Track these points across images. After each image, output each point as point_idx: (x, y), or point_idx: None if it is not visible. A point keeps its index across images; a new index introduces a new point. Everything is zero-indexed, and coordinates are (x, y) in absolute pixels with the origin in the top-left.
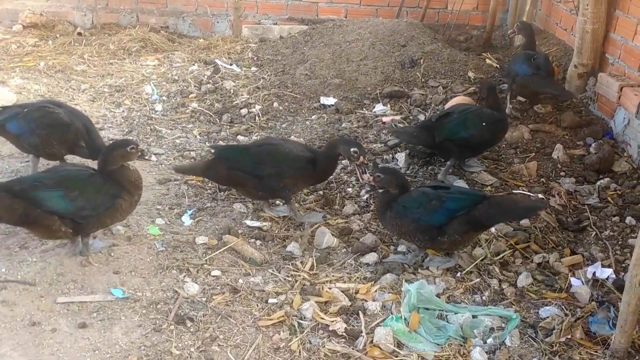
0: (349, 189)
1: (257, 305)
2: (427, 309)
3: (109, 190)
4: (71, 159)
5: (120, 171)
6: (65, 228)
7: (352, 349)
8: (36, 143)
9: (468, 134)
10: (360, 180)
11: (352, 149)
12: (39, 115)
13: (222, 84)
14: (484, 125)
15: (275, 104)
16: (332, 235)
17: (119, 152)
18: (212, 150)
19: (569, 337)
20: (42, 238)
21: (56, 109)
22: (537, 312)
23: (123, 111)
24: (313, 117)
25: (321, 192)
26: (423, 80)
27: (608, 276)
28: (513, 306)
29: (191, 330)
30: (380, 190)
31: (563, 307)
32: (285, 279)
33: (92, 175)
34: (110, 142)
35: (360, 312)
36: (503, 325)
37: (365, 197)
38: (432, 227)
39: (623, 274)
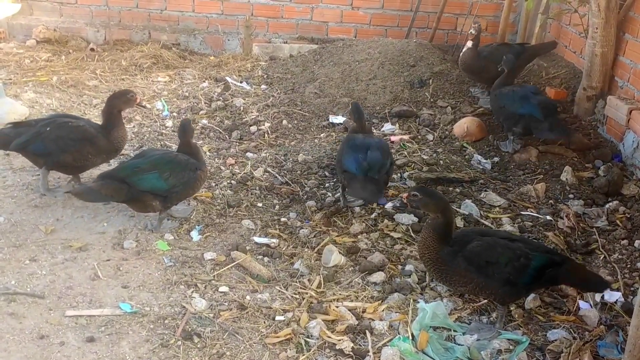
0: (357, 208)
1: (264, 322)
2: (436, 329)
3: (192, 166)
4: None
5: (196, 145)
6: (156, 202)
7: None
8: (67, 161)
9: None
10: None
11: None
12: (66, 132)
13: (232, 101)
14: None
15: (285, 122)
16: (340, 253)
17: (191, 126)
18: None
19: None
20: (138, 211)
21: (80, 122)
22: (545, 335)
23: (134, 126)
24: (322, 135)
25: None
26: (432, 100)
27: (617, 299)
28: (521, 328)
29: (198, 346)
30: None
31: (571, 330)
32: (292, 297)
33: (177, 154)
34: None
35: (367, 331)
36: (511, 347)
37: (390, 207)
38: (520, 288)
39: (632, 297)
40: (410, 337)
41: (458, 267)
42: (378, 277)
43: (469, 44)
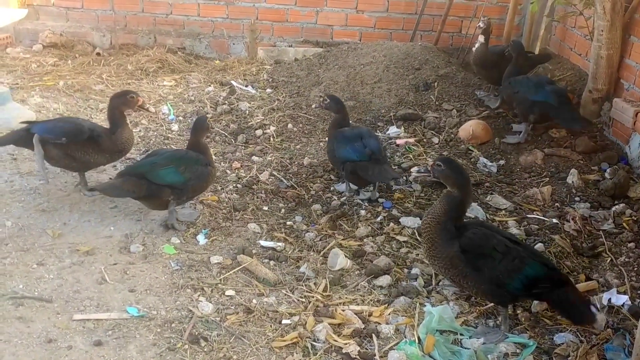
0: (362, 211)
1: (271, 326)
2: (442, 332)
3: (203, 161)
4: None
5: (205, 144)
6: (172, 197)
7: None
8: (64, 145)
9: None
10: None
11: None
12: (71, 122)
13: (237, 105)
14: None
15: (290, 125)
16: (346, 257)
17: (204, 125)
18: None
19: None
20: (153, 209)
21: (86, 122)
22: (552, 338)
23: (140, 131)
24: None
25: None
26: (437, 103)
27: (624, 303)
28: (527, 332)
29: (205, 350)
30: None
31: (578, 333)
32: (298, 300)
33: (187, 151)
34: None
35: (373, 334)
36: (518, 351)
37: (415, 172)
38: (505, 292)
39: (639, 300)
40: (417, 341)
41: (450, 248)
42: (384, 280)
43: (481, 38)
